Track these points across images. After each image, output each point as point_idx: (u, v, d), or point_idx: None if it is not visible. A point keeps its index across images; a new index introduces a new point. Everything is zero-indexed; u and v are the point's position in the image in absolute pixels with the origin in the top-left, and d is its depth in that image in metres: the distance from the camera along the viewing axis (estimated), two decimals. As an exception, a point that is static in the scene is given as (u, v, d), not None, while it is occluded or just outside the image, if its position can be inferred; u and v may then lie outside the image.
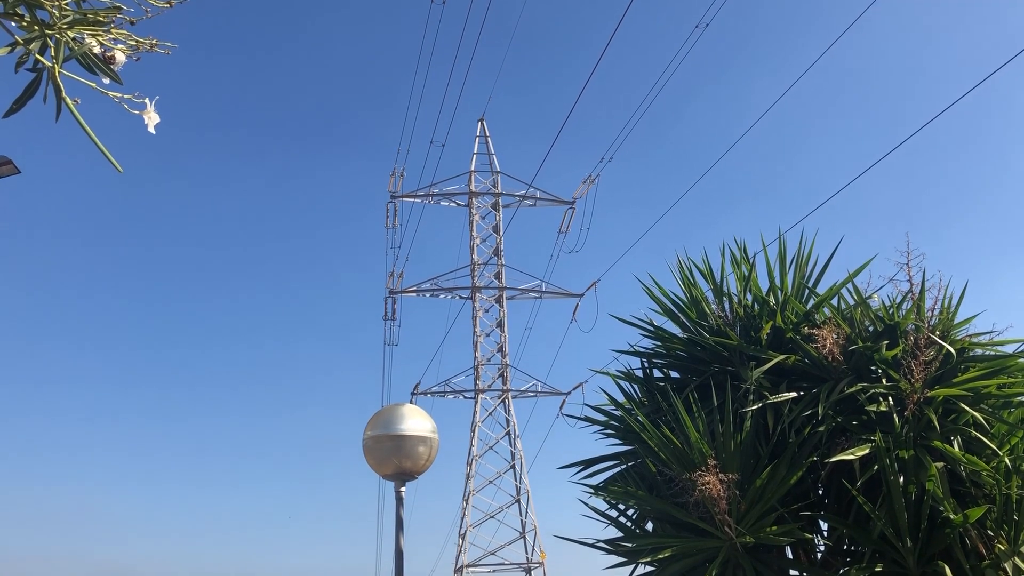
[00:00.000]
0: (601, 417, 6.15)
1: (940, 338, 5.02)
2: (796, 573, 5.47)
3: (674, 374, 6.14)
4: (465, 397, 40.36)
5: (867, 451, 4.82)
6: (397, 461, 5.88)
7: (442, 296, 41.06)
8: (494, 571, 37.74)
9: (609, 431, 6.09)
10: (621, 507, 5.99)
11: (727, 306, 5.97)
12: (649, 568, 5.49)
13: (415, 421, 6.06)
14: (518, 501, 38.42)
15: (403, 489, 6.08)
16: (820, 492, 5.57)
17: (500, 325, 40.16)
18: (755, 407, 5.22)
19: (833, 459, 4.88)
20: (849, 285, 5.58)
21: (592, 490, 5.90)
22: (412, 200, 40.80)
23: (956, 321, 5.27)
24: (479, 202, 41.36)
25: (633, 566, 5.60)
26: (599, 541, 5.67)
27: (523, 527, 37.67)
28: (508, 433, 39.57)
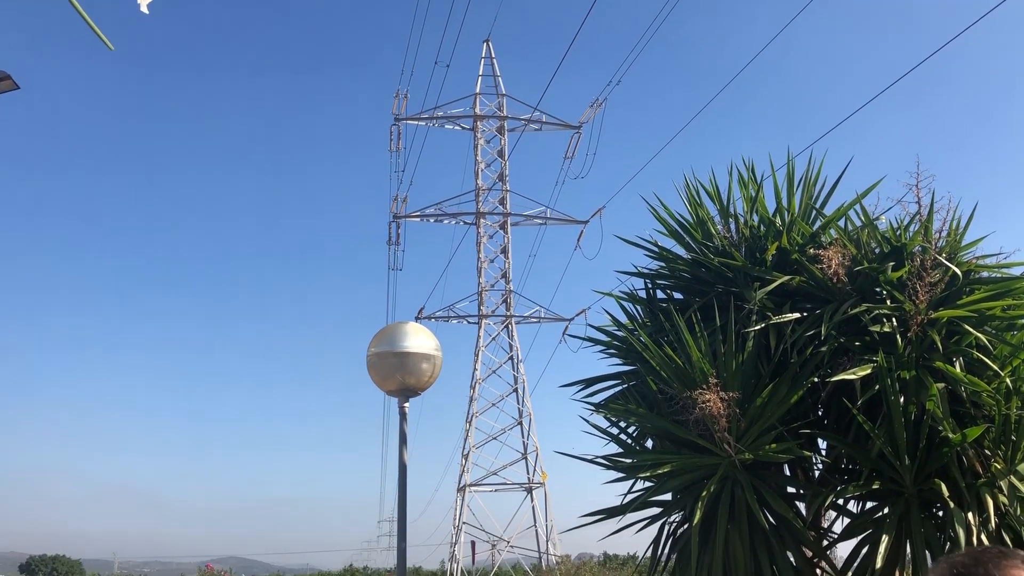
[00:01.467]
0: (604, 337, 6.17)
1: (947, 260, 4.99)
2: (793, 490, 5.56)
3: (677, 295, 6.14)
4: (469, 322, 40.63)
5: (869, 371, 4.83)
6: (400, 378, 5.92)
7: (446, 222, 40.98)
8: (496, 490, 38.53)
9: (611, 351, 6.12)
10: (622, 425, 6.05)
11: (733, 227, 5.92)
12: (648, 484, 5.58)
13: (418, 339, 6.08)
14: (520, 424, 39.00)
15: (406, 405, 6.14)
16: (820, 412, 5.61)
17: (504, 251, 40.17)
18: (758, 327, 5.22)
19: (834, 379, 4.90)
20: (857, 207, 5.52)
21: (593, 408, 5.95)
22: (416, 123, 40.35)
23: (964, 243, 5.23)
24: (484, 125, 40.92)
25: (632, 481, 5.68)
26: (599, 457, 5.74)
27: (525, 449, 38.33)
28: (511, 358, 39.95)
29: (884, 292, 5.13)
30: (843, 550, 5.45)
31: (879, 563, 4.71)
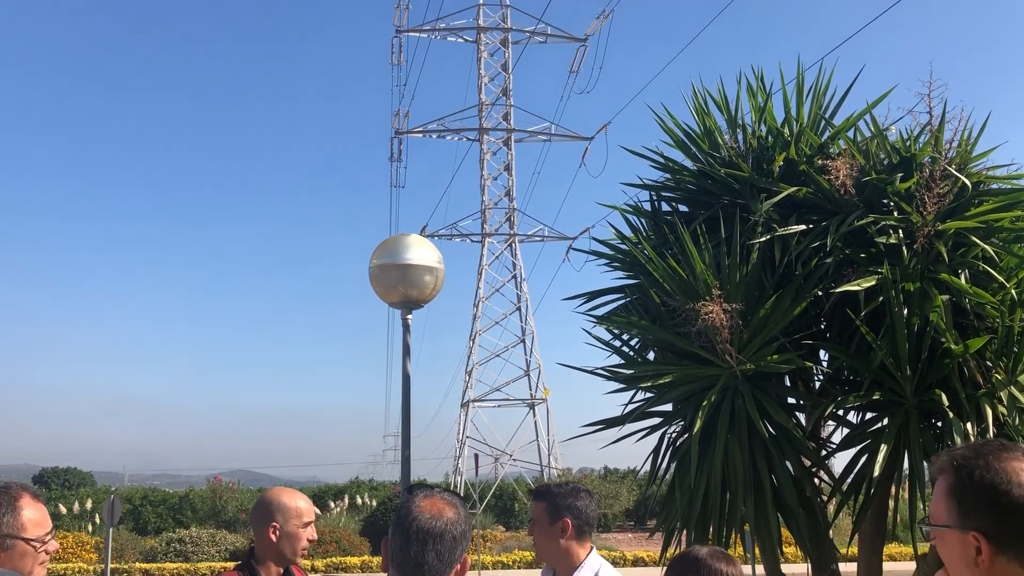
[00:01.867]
0: (607, 251, 6.13)
1: (957, 171, 4.91)
2: (794, 401, 5.60)
3: (682, 208, 6.08)
4: (472, 240, 40.56)
5: (873, 283, 4.81)
6: (403, 290, 5.91)
7: (449, 137, 40.51)
8: (499, 406, 39.08)
9: (615, 264, 6.09)
10: (624, 337, 6.07)
11: (740, 137, 5.83)
12: (648, 395, 5.62)
13: (421, 251, 6.04)
14: (523, 341, 39.31)
15: (409, 317, 6.14)
16: (823, 324, 5.62)
17: (508, 168, 39.82)
18: (763, 239, 5.18)
19: (838, 290, 4.88)
20: (867, 117, 5.42)
21: (595, 321, 5.95)
22: (418, 35, 39.55)
23: (975, 154, 5.15)
24: (487, 38, 40.09)
25: (633, 392, 5.72)
26: (600, 368, 5.77)
27: (527, 366, 38.73)
28: (514, 277, 40.01)
29: (891, 203, 5.07)
30: (841, 460, 5.53)
31: (876, 472, 4.77)
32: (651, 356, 5.97)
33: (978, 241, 4.78)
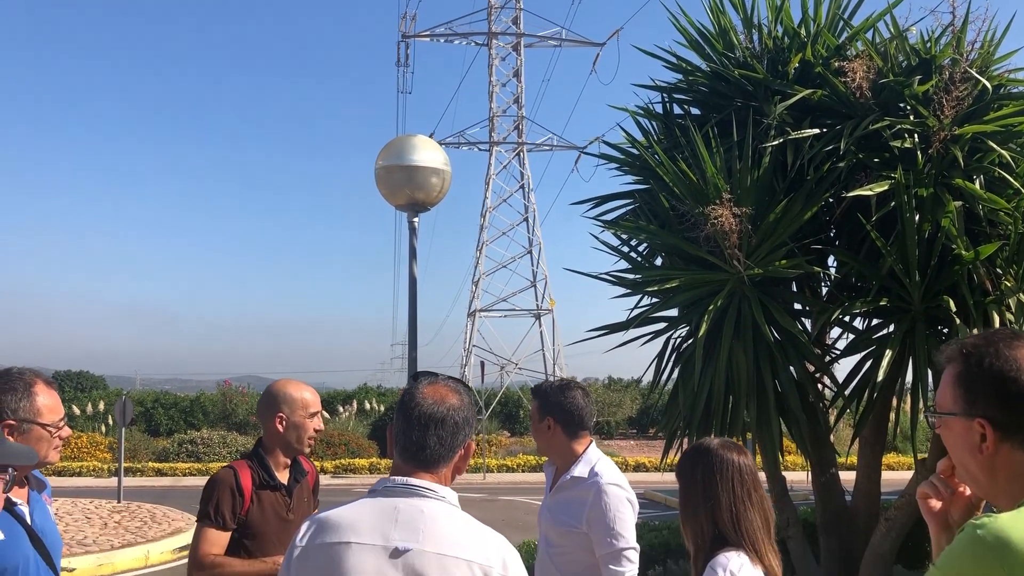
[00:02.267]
0: (618, 154, 6.04)
1: (977, 73, 4.78)
2: (800, 307, 5.59)
3: (694, 111, 5.96)
4: (480, 149, 40.13)
5: (886, 187, 4.74)
6: (409, 192, 5.84)
7: (457, 42, 39.65)
8: (505, 316, 39.33)
9: (625, 168, 6.01)
10: (632, 243, 6.03)
11: (755, 38, 5.67)
12: (654, 300, 5.61)
13: (427, 153, 5.95)
14: (530, 252, 39.27)
15: (416, 220, 6.10)
16: (832, 231, 5.57)
17: (517, 75, 39.09)
18: (775, 143, 5.09)
19: (850, 194, 4.82)
20: (886, 17, 5.26)
21: (603, 225, 5.91)
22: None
23: (996, 56, 5.01)
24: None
25: (639, 297, 5.72)
26: (607, 273, 5.75)
27: (534, 276, 38.79)
28: (522, 186, 39.71)
29: (908, 107, 4.96)
30: (845, 367, 5.56)
31: (880, 377, 4.79)
32: (658, 262, 5.94)
33: (995, 146, 4.69)
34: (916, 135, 4.83)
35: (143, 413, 29.49)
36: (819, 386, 5.65)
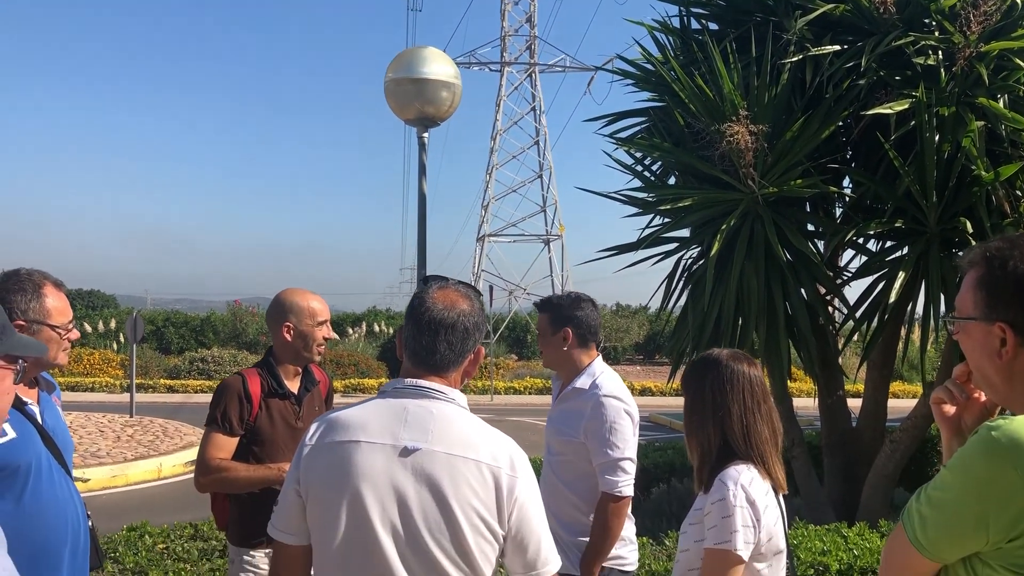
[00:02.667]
0: (633, 70, 5.92)
1: (1008, -13, 4.62)
2: (814, 228, 5.53)
3: (713, 26, 5.81)
4: (491, 69, 39.48)
5: (906, 106, 4.63)
6: (419, 106, 5.73)
7: (469, -42, 38.66)
8: (515, 241, 39.28)
9: (640, 84, 5.89)
10: (646, 162, 5.95)
11: (778, -51, 5.48)
12: (666, 220, 5.55)
13: (438, 65, 5.82)
14: (540, 177, 38.99)
15: (425, 135, 6.00)
16: (849, 152, 5.47)
17: (529, -8, 38.21)
18: (795, 59, 4.97)
19: (870, 112, 4.71)
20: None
21: (617, 143, 5.81)
22: None
23: (1028, -30, 4.83)
24: None
25: (650, 217, 5.66)
26: (619, 192, 5.69)
27: (544, 201, 38.58)
28: (533, 109, 39.20)
29: (933, 22, 4.81)
30: (856, 289, 5.52)
31: (892, 298, 4.75)
32: (671, 181, 5.87)
33: (1022, 64, 4.56)
34: (940, 52, 4.70)
35: (154, 332, 29.76)
36: (829, 309, 5.62)
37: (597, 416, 2.93)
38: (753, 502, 1.99)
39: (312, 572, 1.82)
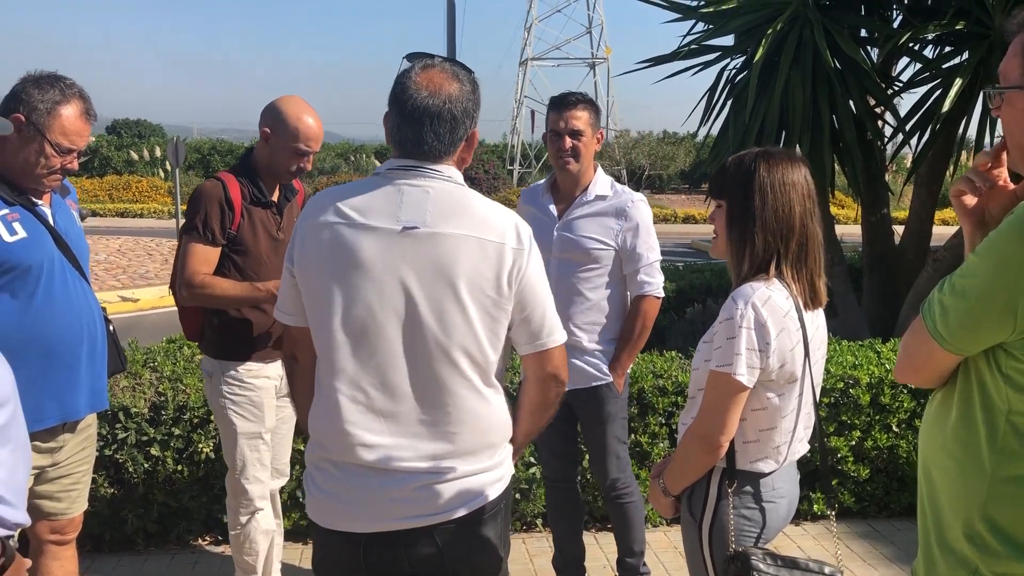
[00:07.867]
0: None
1: None
2: (867, 34, 5.18)
3: None
4: None
5: None
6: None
7: None
8: (559, 65, 38.10)
9: None
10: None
11: None
12: (709, 27, 5.24)
13: None
14: (586, -4, 37.28)
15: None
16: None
17: None
18: None
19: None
20: None
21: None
22: None
23: None
24: None
25: (692, 23, 5.34)
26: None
27: (590, 22, 37.09)
28: (580, -77, 37.01)
29: None
30: (908, 103, 5.23)
31: (946, 107, 4.48)
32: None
33: None
34: None
35: (200, 159, 29.92)
36: (879, 122, 5.34)
37: (635, 219, 2.94)
38: (764, 324, 1.77)
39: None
